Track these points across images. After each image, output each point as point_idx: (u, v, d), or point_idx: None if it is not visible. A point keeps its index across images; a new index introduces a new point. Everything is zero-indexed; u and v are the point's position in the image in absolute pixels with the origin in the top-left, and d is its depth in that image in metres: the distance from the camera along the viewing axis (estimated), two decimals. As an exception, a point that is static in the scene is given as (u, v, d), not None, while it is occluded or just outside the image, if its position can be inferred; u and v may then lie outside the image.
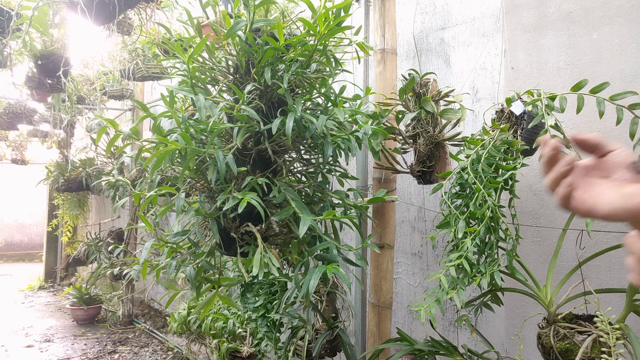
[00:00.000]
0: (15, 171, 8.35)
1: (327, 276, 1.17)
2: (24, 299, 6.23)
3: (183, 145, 1.13)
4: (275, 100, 1.37)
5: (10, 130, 5.53)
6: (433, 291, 1.29)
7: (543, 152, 0.58)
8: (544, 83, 1.76)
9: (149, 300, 5.12)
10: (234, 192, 1.21)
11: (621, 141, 1.55)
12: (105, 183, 3.93)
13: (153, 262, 1.84)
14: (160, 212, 1.26)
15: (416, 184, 2.19)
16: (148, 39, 3.05)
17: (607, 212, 0.53)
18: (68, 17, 2.74)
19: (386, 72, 1.78)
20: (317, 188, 1.47)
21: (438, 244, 2.12)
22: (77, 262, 5.11)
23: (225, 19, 1.25)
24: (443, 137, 1.59)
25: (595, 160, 0.58)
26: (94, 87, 4.24)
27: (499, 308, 1.75)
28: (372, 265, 1.81)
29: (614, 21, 1.58)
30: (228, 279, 1.37)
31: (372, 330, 1.80)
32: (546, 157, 0.58)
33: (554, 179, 0.57)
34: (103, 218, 5.83)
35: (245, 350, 2.23)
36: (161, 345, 4.25)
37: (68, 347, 4.23)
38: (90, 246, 4.66)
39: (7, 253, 9.46)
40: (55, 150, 5.43)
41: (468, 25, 2.05)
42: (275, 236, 1.42)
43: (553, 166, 0.57)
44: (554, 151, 0.57)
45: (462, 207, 1.31)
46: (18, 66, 3.25)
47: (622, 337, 1.16)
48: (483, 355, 1.47)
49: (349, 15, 1.23)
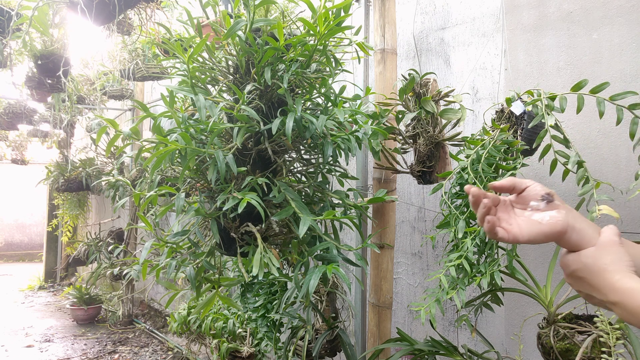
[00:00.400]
0: (15, 171, 8.35)
1: (327, 276, 1.17)
2: (24, 299, 6.23)
3: (183, 145, 1.13)
4: (275, 100, 1.37)
5: (10, 130, 5.53)
6: (433, 291, 1.29)
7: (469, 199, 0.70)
8: (544, 83, 1.76)
9: (149, 300, 5.12)
10: (234, 192, 1.21)
11: (621, 141, 1.55)
12: (105, 183, 3.93)
13: (153, 262, 1.84)
14: (160, 212, 1.26)
15: (416, 184, 2.19)
16: (148, 39, 3.05)
17: (527, 239, 0.66)
18: (68, 17, 2.74)
19: (386, 72, 1.78)
20: (317, 188, 1.47)
21: (438, 244, 2.12)
22: (77, 262, 5.12)
23: (225, 19, 1.25)
24: (443, 137, 1.59)
25: (516, 197, 0.71)
26: (94, 87, 4.24)
27: (499, 308, 1.75)
28: (372, 265, 1.81)
29: (614, 21, 1.58)
30: (228, 279, 1.37)
31: (372, 330, 1.80)
32: (470, 202, 0.70)
33: (480, 218, 0.68)
34: (103, 218, 5.83)
35: (245, 350, 2.23)
36: (161, 345, 4.25)
37: (68, 347, 4.23)
38: (90, 246, 4.66)
39: (7, 253, 9.46)
40: (55, 150, 5.43)
41: (468, 25, 2.05)
42: (275, 236, 1.42)
43: (477, 208, 0.69)
44: (474, 197, 0.68)
45: (462, 207, 1.31)
46: (18, 66, 3.25)
47: (622, 337, 1.16)
48: (483, 355, 1.47)
49: (349, 15, 1.23)
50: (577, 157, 1.23)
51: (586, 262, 0.64)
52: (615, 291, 0.60)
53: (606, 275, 0.61)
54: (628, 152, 1.54)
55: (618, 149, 1.56)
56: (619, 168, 1.56)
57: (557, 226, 0.65)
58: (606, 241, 0.64)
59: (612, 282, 0.60)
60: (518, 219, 0.68)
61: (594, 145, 1.62)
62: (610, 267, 0.61)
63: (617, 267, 0.61)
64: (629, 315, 0.58)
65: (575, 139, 1.62)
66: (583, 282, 0.65)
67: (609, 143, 1.59)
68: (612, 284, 0.60)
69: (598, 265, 0.62)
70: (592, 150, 1.62)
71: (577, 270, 0.65)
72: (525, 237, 0.66)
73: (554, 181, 1.56)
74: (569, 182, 1.52)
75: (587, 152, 1.63)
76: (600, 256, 0.63)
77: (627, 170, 1.54)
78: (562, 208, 0.67)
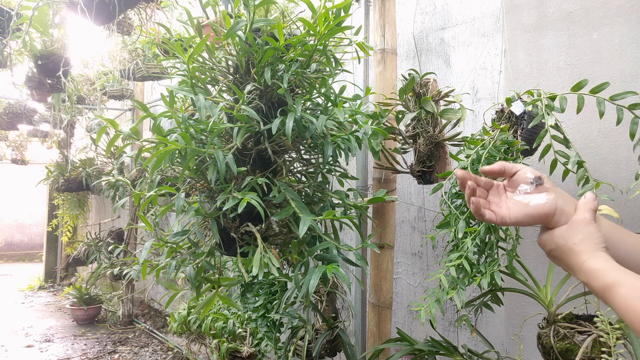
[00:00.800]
0: (15, 171, 8.35)
1: (327, 276, 1.17)
2: (24, 299, 6.23)
3: (183, 145, 1.13)
4: (275, 100, 1.37)
5: (10, 130, 5.53)
6: (433, 291, 1.29)
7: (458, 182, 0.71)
8: (544, 83, 1.76)
9: (149, 300, 5.12)
10: (234, 192, 1.21)
11: (621, 141, 1.55)
12: (105, 183, 3.93)
13: (153, 262, 1.84)
14: (160, 212, 1.26)
15: (416, 184, 2.19)
16: (148, 39, 3.05)
17: (514, 221, 0.67)
18: (68, 17, 2.74)
19: (386, 72, 1.78)
20: (317, 188, 1.47)
21: (438, 244, 2.12)
22: (77, 262, 5.12)
23: (225, 19, 1.25)
24: (443, 137, 1.59)
25: (508, 181, 0.72)
26: (94, 87, 4.24)
27: (499, 308, 1.75)
28: (372, 265, 1.81)
29: (614, 21, 1.58)
30: (228, 279, 1.37)
31: (372, 330, 1.80)
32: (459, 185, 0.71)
33: (466, 200, 0.70)
34: (103, 218, 5.83)
35: (245, 350, 2.23)
36: (161, 345, 4.25)
37: (68, 347, 4.23)
38: (90, 246, 4.66)
39: (7, 253, 9.46)
40: (55, 150, 5.43)
41: (468, 25, 2.05)
42: (275, 236, 1.42)
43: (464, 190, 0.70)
44: (460, 180, 0.70)
45: (462, 207, 1.31)
46: (18, 66, 3.25)
47: (622, 337, 1.16)
48: (483, 355, 1.47)
49: (349, 15, 1.23)
50: (577, 157, 1.22)
51: (557, 242, 0.64)
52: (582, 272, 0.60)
53: (575, 255, 0.61)
54: (628, 152, 1.54)
55: (618, 149, 1.56)
56: (619, 168, 1.56)
57: (545, 208, 0.65)
58: (578, 219, 0.64)
59: (580, 262, 0.60)
60: (508, 202, 0.69)
61: (594, 145, 1.62)
62: (579, 247, 0.61)
63: (585, 247, 0.61)
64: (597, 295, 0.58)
65: (575, 139, 1.62)
66: (561, 262, 0.65)
67: (609, 143, 1.59)
68: (580, 264, 0.60)
69: (568, 245, 0.62)
70: (592, 150, 1.62)
71: (552, 250, 0.66)
72: (513, 219, 0.67)
73: (554, 181, 1.55)
74: (569, 182, 1.52)
75: (587, 152, 1.63)
76: (571, 235, 0.63)
77: (627, 170, 1.54)
78: (551, 191, 0.67)
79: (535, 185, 0.68)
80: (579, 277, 0.61)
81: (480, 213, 0.68)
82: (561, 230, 0.64)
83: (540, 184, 0.68)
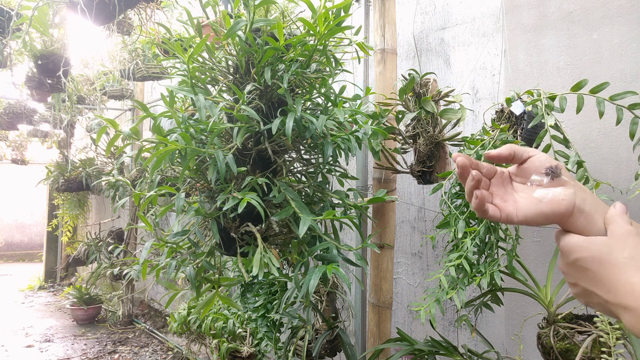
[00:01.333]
0: (15, 171, 8.35)
1: (327, 276, 1.17)
2: (24, 299, 6.23)
3: (183, 145, 1.13)
4: (275, 100, 1.37)
5: (10, 130, 5.53)
6: (433, 291, 1.29)
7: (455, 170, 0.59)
8: (544, 83, 1.76)
9: (149, 300, 5.12)
10: (234, 192, 1.21)
11: (621, 141, 1.55)
12: (105, 183, 3.93)
13: (153, 262, 1.84)
14: (160, 212, 1.26)
15: (416, 184, 2.19)
16: (148, 39, 3.05)
17: (522, 220, 0.55)
18: (68, 17, 2.74)
19: (386, 72, 1.78)
20: (317, 188, 1.47)
21: (438, 244, 2.12)
22: (77, 262, 5.12)
23: (225, 19, 1.25)
24: (443, 137, 1.59)
25: (517, 168, 0.60)
26: (94, 87, 4.24)
27: (499, 308, 1.75)
28: (372, 265, 1.81)
29: (614, 21, 1.58)
30: (228, 279, 1.37)
31: (372, 330, 1.80)
32: (457, 175, 0.58)
33: (467, 193, 0.57)
34: (103, 218, 5.83)
35: (245, 350, 2.23)
36: (161, 345, 4.25)
37: (68, 347, 4.23)
38: (90, 246, 4.66)
39: (7, 253, 9.46)
40: (55, 150, 5.43)
41: (468, 25, 2.05)
42: (275, 236, 1.42)
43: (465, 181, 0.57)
44: (461, 168, 0.57)
45: (462, 207, 1.31)
46: (18, 66, 3.25)
47: (622, 337, 1.16)
48: (483, 355, 1.47)
49: (349, 15, 1.23)
50: (577, 157, 1.22)
51: (598, 251, 0.52)
52: (632, 294, 0.49)
53: (622, 272, 0.50)
54: (628, 152, 1.54)
55: (618, 149, 1.56)
56: (619, 168, 1.56)
57: (561, 207, 0.53)
58: (623, 232, 0.52)
59: (630, 282, 0.49)
60: (515, 195, 0.57)
61: (594, 145, 1.62)
62: (630, 263, 0.50)
63: (637, 265, 0.50)
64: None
65: (575, 139, 1.62)
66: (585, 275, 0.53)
67: (609, 143, 1.59)
68: (631, 284, 0.49)
69: (614, 258, 0.51)
70: (592, 150, 1.62)
71: (582, 260, 0.53)
72: (521, 217, 0.55)
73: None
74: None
75: (587, 152, 1.63)
76: (618, 248, 0.51)
77: (627, 170, 1.54)
78: (569, 185, 0.55)
79: (550, 178, 0.56)
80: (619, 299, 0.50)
81: (484, 209, 0.56)
82: (603, 239, 0.53)
83: (557, 176, 0.56)
